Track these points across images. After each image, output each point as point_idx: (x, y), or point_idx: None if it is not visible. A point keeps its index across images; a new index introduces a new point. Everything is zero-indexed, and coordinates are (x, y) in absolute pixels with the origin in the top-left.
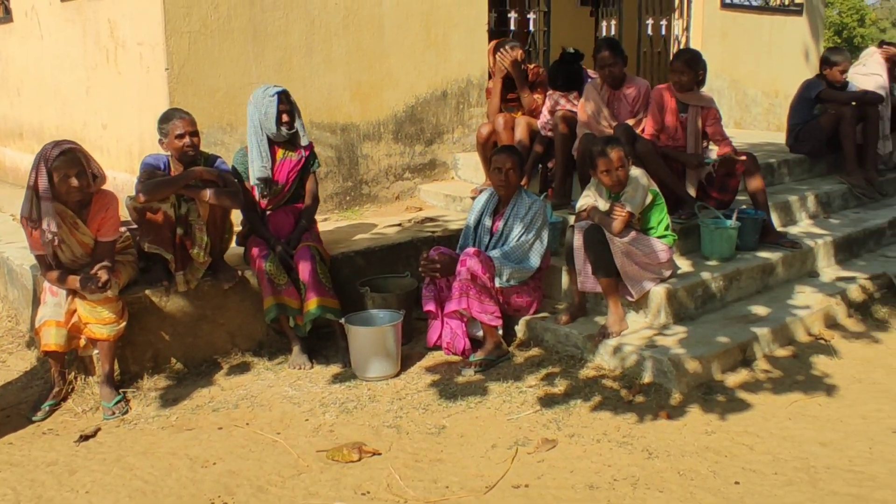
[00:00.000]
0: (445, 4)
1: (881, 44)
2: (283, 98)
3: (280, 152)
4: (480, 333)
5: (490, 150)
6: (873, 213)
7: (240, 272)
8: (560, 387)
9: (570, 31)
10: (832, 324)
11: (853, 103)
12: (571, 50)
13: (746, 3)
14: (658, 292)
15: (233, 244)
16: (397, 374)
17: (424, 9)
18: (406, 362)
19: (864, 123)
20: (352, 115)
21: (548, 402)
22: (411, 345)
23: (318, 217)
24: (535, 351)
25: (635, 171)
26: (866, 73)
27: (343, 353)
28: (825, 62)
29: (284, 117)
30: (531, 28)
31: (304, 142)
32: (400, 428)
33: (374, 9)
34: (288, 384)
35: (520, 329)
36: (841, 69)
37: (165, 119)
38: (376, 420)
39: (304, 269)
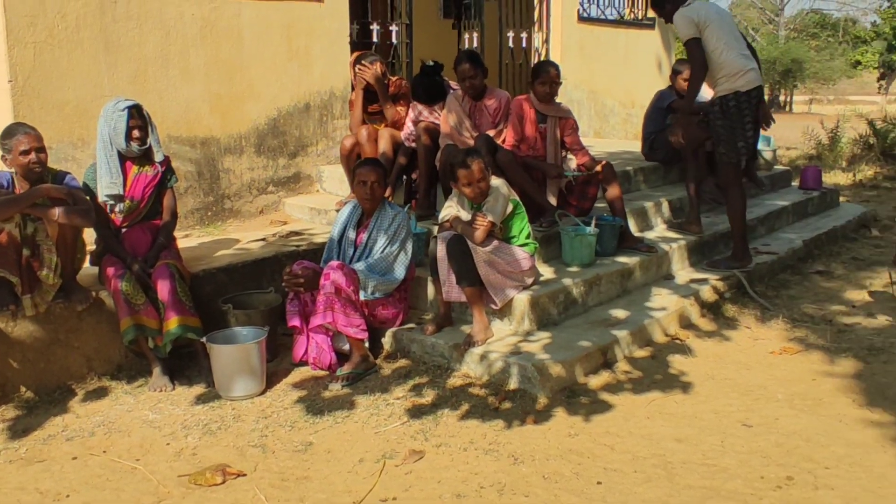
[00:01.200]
0: (307, 16)
1: None
2: (135, 112)
3: (134, 168)
4: (347, 347)
5: (354, 162)
6: (723, 216)
7: (94, 293)
8: (427, 397)
9: (434, 43)
10: (687, 324)
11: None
12: (431, 63)
13: (602, 16)
14: (521, 300)
15: (86, 264)
16: (263, 392)
17: (285, 20)
18: (272, 379)
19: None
20: (212, 128)
21: (415, 412)
22: (277, 361)
23: (178, 233)
24: (402, 362)
25: (496, 181)
26: None
27: (206, 372)
28: (676, 73)
29: (135, 132)
30: (394, 40)
31: (158, 157)
32: (266, 447)
33: (232, 20)
34: (148, 408)
35: (386, 341)
36: (685, 77)
37: (8, 134)
38: (241, 440)
39: (162, 288)
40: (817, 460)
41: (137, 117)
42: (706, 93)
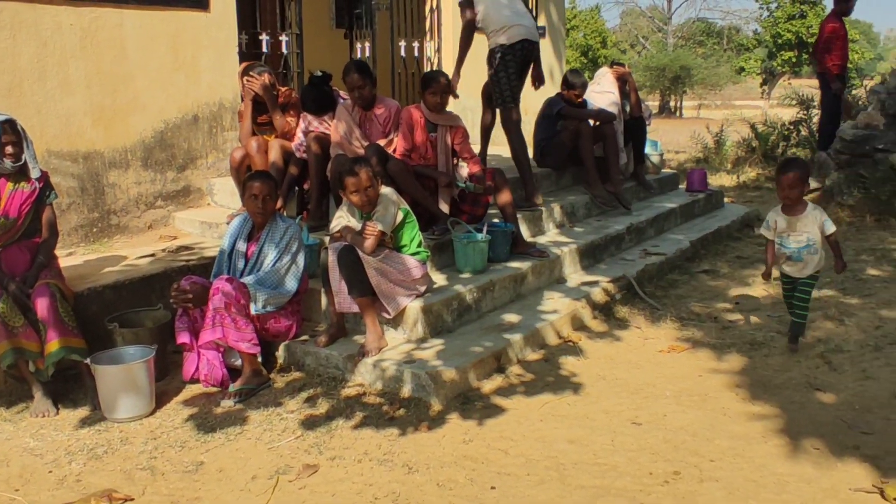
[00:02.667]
0: (193, 26)
1: (612, 64)
2: (8, 128)
3: (8, 185)
4: (239, 362)
5: (244, 174)
6: (613, 220)
7: None
8: (322, 409)
9: (325, 52)
10: (579, 326)
11: (590, 120)
12: (319, 73)
13: None
14: (414, 308)
15: None
16: (152, 413)
17: (171, 30)
18: (161, 399)
19: (603, 140)
20: (95, 141)
21: (309, 425)
22: (167, 380)
23: (61, 251)
24: (296, 375)
25: (385, 190)
26: (600, 91)
27: (91, 395)
28: (565, 82)
29: (9, 149)
30: (285, 50)
31: (34, 174)
32: (155, 469)
33: (114, 30)
34: (29, 434)
35: (280, 354)
36: (577, 93)
37: None
38: (129, 463)
39: (42, 309)
40: (703, 454)
41: (11, 132)
42: (597, 101)
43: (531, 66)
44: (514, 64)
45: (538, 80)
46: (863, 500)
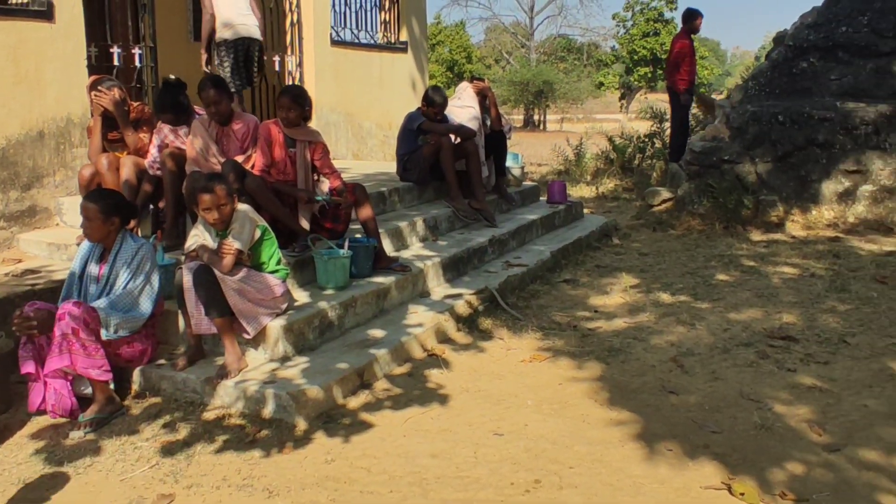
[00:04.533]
0: (36, 37)
1: (472, 78)
2: None
3: None
4: (89, 390)
5: None
6: (476, 233)
7: None
8: (179, 435)
9: (182, 66)
10: (444, 339)
11: (451, 135)
12: (172, 78)
13: (356, 40)
14: (275, 327)
15: None
16: None
17: (10, 41)
18: (4, 434)
19: (465, 157)
20: None
21: (166, 453)
22: (11, 413)
23: None
24: (152, 401)
25: (242, 207)
26: (461, 106)
27: None
28: (426, 99)
29: None
30: (138, 63)
31: None
32: None
33: None
34: None
35: (135, 380)
36: (436, 111)
37: None
38: None
39: None
40: (563, 461)
41: None
42: (457, 115)
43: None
44: (236, 58)
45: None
46: (713, 497)
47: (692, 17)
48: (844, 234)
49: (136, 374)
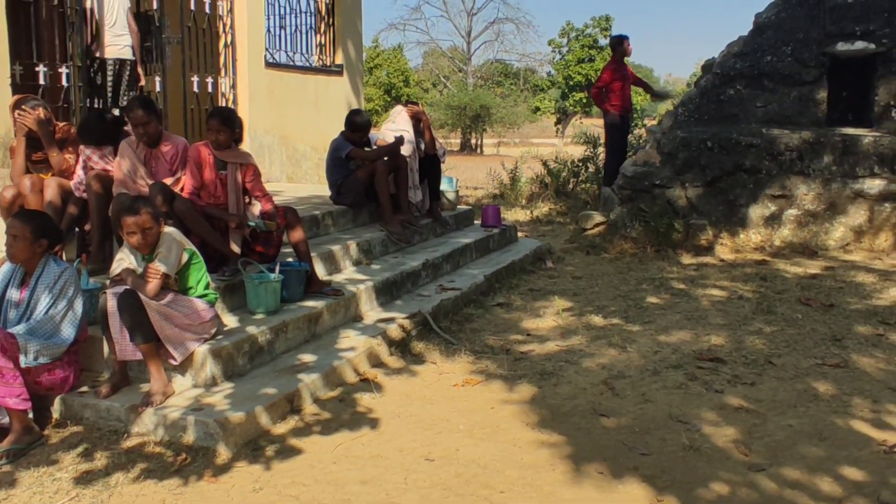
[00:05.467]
0: None
1: (407, 102)
2: None
3: None
4: (6, 420)
5: None
6: (410, 256)
7: None
8: (99, 465)
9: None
10: (376, 363)
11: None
12: (115, 114)
13: (290, 63)
14: (203, 352)
15: None
16: None
17: None
18: None
19: (395, 173)
20: None
21: (86, 483)
22: None
23: None
24: (73, 430)
25: (169, 231)
26: (395, 130)
27: None
28: (350, 125)
29: None
30: (65, 83)
31: None
32: None
33: None
34: None
35: (55, 408)
36: (361, 135)
37: None
38: None
39: None
40: (493, 486)
41: None
42: (391, 138)
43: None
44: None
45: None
46: None
47: (619, 43)
48: (771, 257)
49: (58, 403)
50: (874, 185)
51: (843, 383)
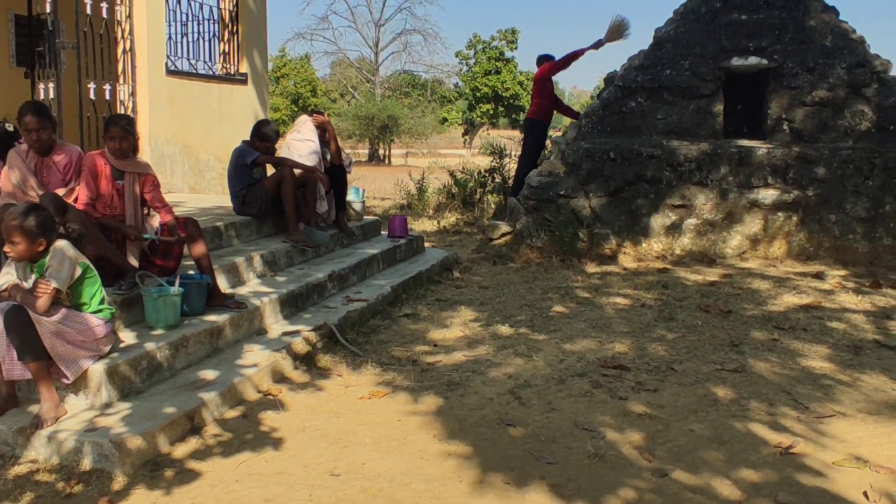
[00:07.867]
0: None
1: (312, 112)
2: None
3: None
4: None
5: None
6: (316, 268)
7: None
8: None
9: (4, 93)
10: (280, 378)
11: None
12: (10, 127)
13: (192, 70)
14: (97, 370)
15: None
16: None
17: None
18: None
19: (302, 184)
20: None
21: None
22: None
23: None
24: None
25: (60, 244)
26: (301, 139)
27: None
28: (259, 135)
29: None
30: None
31: None
32: None
33: None
34: None
35: None
36: (269, 145)
37: None
38: None
39: None
40: (400, 499)
41: None
42: (297, 148)
43: None
44: None
45: None
46: None
47: (546, 60)
48: (672, 265)
49: None
50: (768, 194)
51: (741, 388)
